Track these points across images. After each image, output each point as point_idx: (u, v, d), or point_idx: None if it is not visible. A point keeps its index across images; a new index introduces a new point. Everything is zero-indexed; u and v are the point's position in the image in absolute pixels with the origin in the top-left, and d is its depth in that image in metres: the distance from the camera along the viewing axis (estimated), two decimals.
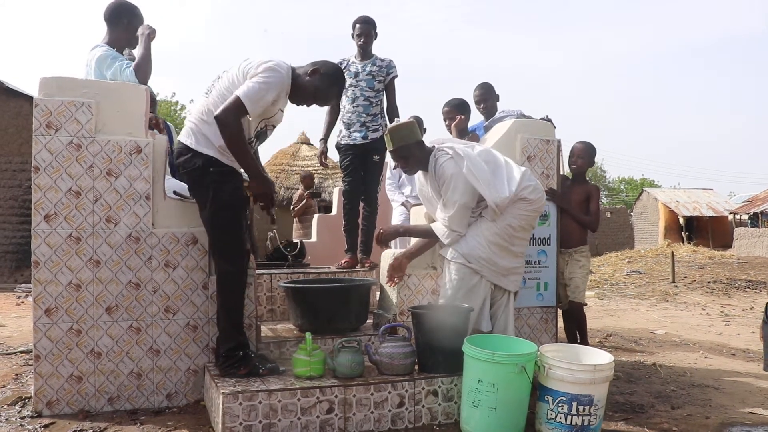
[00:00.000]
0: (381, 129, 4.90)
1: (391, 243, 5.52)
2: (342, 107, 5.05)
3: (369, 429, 3.18)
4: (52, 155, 3.39)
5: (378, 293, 4.29)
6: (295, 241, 5.73)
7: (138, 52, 3.93)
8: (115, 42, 4.08)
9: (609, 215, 28.04)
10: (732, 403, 3.90)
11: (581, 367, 3.09)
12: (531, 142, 4.26)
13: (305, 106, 3.48)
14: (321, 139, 5.17)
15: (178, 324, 3.56)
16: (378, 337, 3.49)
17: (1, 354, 4.87)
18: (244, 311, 3.46)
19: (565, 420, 3.07)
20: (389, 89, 5.04)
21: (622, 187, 55.94)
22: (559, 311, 4.65)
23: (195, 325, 3.58)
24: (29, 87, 12.58)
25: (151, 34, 3.93)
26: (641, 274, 13.56)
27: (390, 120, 5.03)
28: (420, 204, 4.30)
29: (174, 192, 3.64)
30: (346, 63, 5.03)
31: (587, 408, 3.05)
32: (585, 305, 4.59)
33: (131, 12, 4.09)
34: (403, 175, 5.39)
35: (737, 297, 10.44)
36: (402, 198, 5.68)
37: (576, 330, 4.66)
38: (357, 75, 4.93)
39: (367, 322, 4.20)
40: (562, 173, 4.54)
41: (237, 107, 3.14)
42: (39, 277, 3.37)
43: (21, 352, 4.91)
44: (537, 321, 4.27)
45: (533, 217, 3.70)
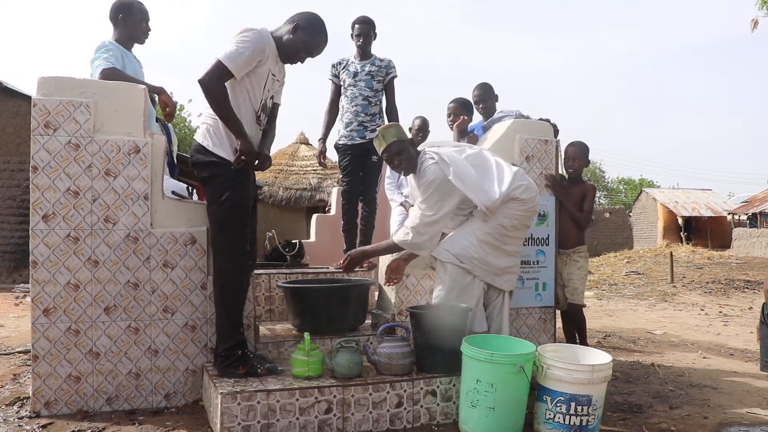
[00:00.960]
0: None
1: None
2: (341, 107, 5.05)
3: (367, 429, 3.18)
4: (50, 155, 3.39)
5: (377, 293, 4.29)
6: (293, 242, 5.74)
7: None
8: (120, 39, 4.11)
9: (608, 216, 28.09)
10: (730, 403, 3.90)
11: (579, 367, 3.09)
12: (530, 142, 4.27)
13: (300, 62, 3.51)
14: (320, 139, 5.17)
15: (176, 324, 3.55)
16: (376, 337, 3.49)
17: (0, 354, 4.86)
18: (243, 311, 3.46)
19: (564, 420, 3.07)
20: (388, 89, 5.04)
21: (621, 188, 56.03)
22: (558, 312, 4.66)
23: (193, 325, 3.58)
24: (28, 87, 12.58)
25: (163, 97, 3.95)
26: (640, 274, 13.58)
27: (389, 120, 5.03)
28: None
29: (172, 192, 3.64)
30: (345, 63, 5.03)
31: (585, 408, 3.05)
32: (584, 306, 4.58)
33: (125, 8, 4.11)
34: (401, 178, 5.38)
35: (736, 297, 10.46)
36: (401, 198, 5.67)
37: (574, 331, 4.66)
38: (356, 75, 4.93)
39: (366, 322, 4.20)
40: (560, 173, 4.54)
41: (217, 68, 3.18)
42: (37, 277, 3.36)
43: (19, 352, 4.90)
44: (535, 321, 4.27)
45: (527, 217, 3.66)
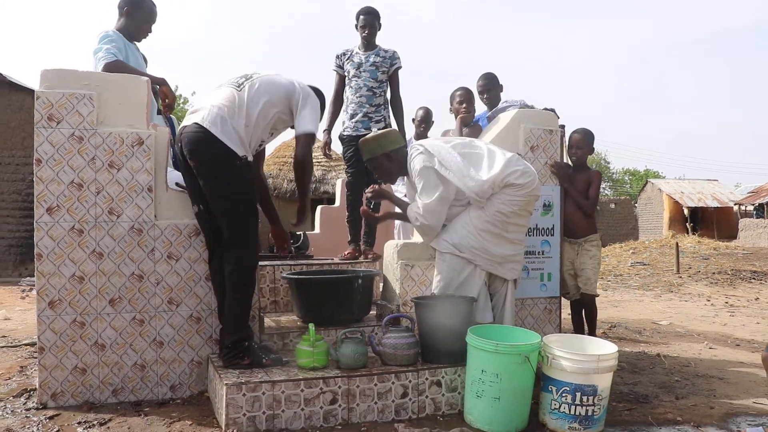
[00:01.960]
0: (384, 120, 4.88)
1: (394, 233, 5.52)
2: (345, 98, 5.03)
3: (372, 419, 3.18)
4: (53, 148, 3.39)
5: (381, 284, 4.28)
6: (297, 233, 5.73)
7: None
8: (122, 29, 4.09)
9: (613, 206, 28.00)
10: (736, 394, 3.89)
11: (585, 357, 3.08)
12: (534, 131, 4.24)
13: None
14: (325, 130, 5.15)
15: (181, 315, 3.56)
16: (381, 328, 3.49)
17: (6, 347, 4.88)
18: (252, 304, 3.45)
19: (569, 410, 3.07)
20: (393, 80, 5.02)
21: (626, 179, 55.82)
22: (567, 301, 4.64)
23: (198, 317, 3.58)
24: (32, 81, 12.58)
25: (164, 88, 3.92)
26: (646, 265, 13.54)
27: (394, 111, 5.01)
28: None
29: (176, 183, 3.63)
30: (349, 54, 5.00)
31: (591, 398, 3.05)
32: (597, 296, 4.58)
33: (135, 3, 4.10)
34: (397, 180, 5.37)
35: (742, 288, 10.42)
36: (405, 189, 5.65)
37: (583, 321, 4.65)
38: (360, 66, 4.91)
39: (371, 312, 4.20)
40: (565, 161, 4.52)
41: (309, 143, 3.52)
42: (42, 270, 3.37)
43: (26, 344, 4.92)
44: (540, 311, 4.26)
45: (527, 202, 3.60)
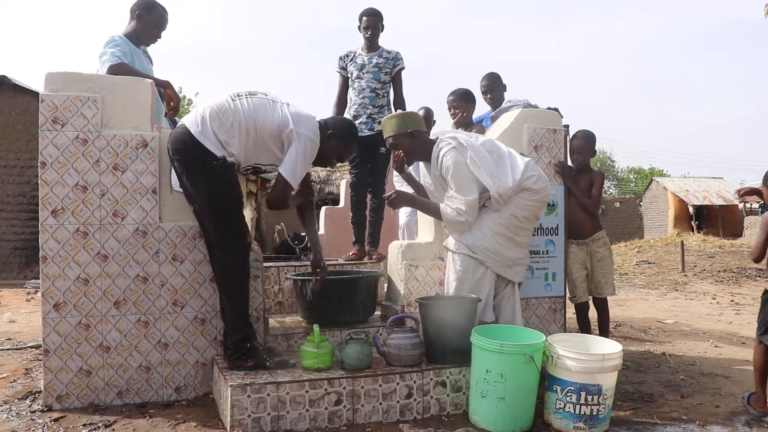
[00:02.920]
0: None
1: (399, 233, 5.52)
2: (349, 99, 5.04)
3: (377, 420, 3.18)
4: (58, 150, 3.40)
5: (386, 285, 4.28)
6: (302, 234, 5.74)
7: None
8: (130, 34, 4.09)
9: (618, 205, 27.94)
10: (742, 392, 3.87)
11: (589, 357, 3.08)
12: (538, 131, 4.24)
13: (330, 167, 3.65)
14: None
15: (186, 317, 3.56)
16: (386, 329, 3.49)
17: (12, 349, 4.90)
18: (249, 302, 3.46)
19: (574, 410, 3.06)
20: (396, 81, 5.02)
21: (631, 177, 55.68)
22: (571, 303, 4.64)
23: (203, 318, 3.59)
24: (37, 84, 12.63)
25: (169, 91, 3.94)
26: (651, 263, 13.50)
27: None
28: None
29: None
30: (352, 55, 5.01)
31: (596, 397, 3.04)
32: (613, 295, 4.62)
33: (147, 7, 4.10)
34: (411, 167, 5.37)
35: (747, 286, 10.38)
36: (409, 189, 5.65)
37: (589, 322, 4.64)
38: (363, 67, 4.91)
39: (375, 313, 4.20)
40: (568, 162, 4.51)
41: (286, 191, 3.43)
42: (47, 272, 3.38)
43: (31, 347, 4.94)
44: (545, 311, 4.25)
45: (538, 207, 3.67)
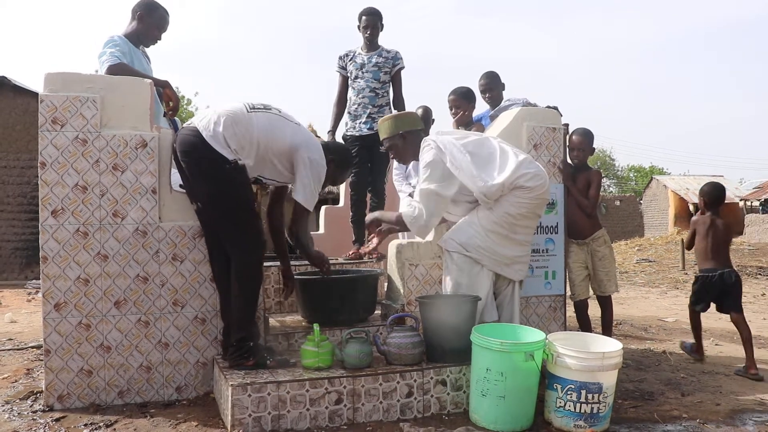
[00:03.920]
0: None
1: (399, 234, 5.51)
2: (349, 99, 5.04)
3: (378, 419, 3.18)
4: (58, 150, 3.40)
5: (386, 284, 4.28)
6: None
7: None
8: (130, 34, 4.08)
9: (618, 203, 27.93)
10: (743, 390, 3.88)
11: (590, 355, 3.08)
12: (537, 130, 4.24)
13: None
14: (329, 131, 5.16)
15: (186, 317, 3.57)
16: (386, 328, 3.49)
17: (13, 349, 4.90)
18: (258, 302, 3.46)
19: (574, 408, 3.06)
20: (395, 81, 5.03)
21: (631, 175, 55.64)
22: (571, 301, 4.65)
23: (203, 318, 3.59)
24: (37, 84, 12.62)
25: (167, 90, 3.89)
26: (651, 262, 13.51)
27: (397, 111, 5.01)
28: None
29: (180, 185, 3.63)
30: (352, 54, 5.02)
31: (596, 396, 3.04)
32: (616, 292, 4.66)
33: (148, 8, 4.09)
34: (410, 166, 5.38)
35: (748, 284, 10.37)
36: (409, 189, 5.65)
37: (589, 321, 4.65)
38: (363, 66, 4.92)
39: (375, 312, 4.20)
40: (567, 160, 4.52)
41: (304, 216, 3.59)
42: (48, 272, 3.38)
43: (32, 347, 4.94)
44: (545, 310, 4.26)
45: (535, 205, 3.57)
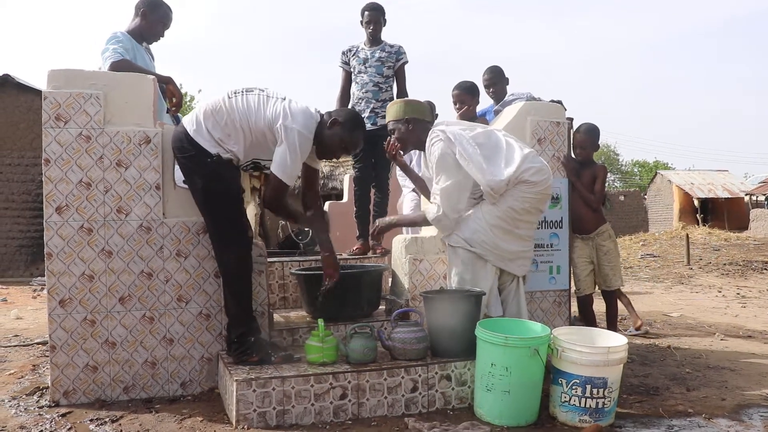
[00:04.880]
0: None
1: (403, 228, 5.51)
2: (352, 94, 5.03)
3: (382, 414, 3.18)
4: (62, 147, 3.40)
5: (390, 279, 4.28)
6: (306, 229, 5.73)
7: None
8: (133, 30, 4.10)
9: (623, 198, 27.84)
10: (748, 385, 3.86)
11: (595, 350, 3.07)
12: (541, 124, 4.22)
13: (335, 159, 3.58)
14: None
15: (190, 313, 3.57)
16: (390, 323, 3.49)
17: (19, 345, 4.92)
18: (252, 296, 3.47)
19: (579, 403, 3.06)
20: (399, 75, 5.02)
21: (635, 170, 55.49)
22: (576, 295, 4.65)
23: (208, 314, 3.60)
24: (40, 82, 12.63)
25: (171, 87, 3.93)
26: (656, 257, 13.46)
27: None
28: None
29: (183, 181, 3.64)
30: (355, 49, 5.00)
31: (601, 390, 3.04)
32: (622, 286, 4.65)
33: (152, 5, 4.11)
34: (414, 161, 5.37)
35: (754, 279, 10.34)
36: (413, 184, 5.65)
37: (593, 316, 4.64)
38: (366, 61, 4.91)
39: (380, 307, 4.20)
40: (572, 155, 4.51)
41: (280, 189, 3.31)
42: (52, 269, 3.39)
43: (37, 343, 4.96)
44: (550, 304, 4.25)
45: (539, 200, 3.56)
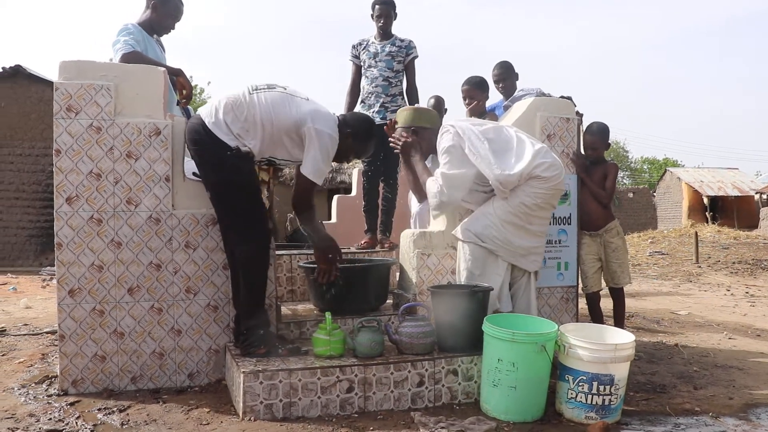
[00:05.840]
0: None
1: (411, 222, 5.51)
2: (362, 88, 5.03)
3: (389, 408, 3.19)
4: (72, 138, 3.42)
5: (398, 273, 4.29)
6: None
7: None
8: (144, 23, 4.10)
9: (631, 196, 27.76)
10: (756, 384, 3.85)
11: (602, 347, 3.07)
12: (551, 120, 4.21)
13: (345, 162, 3.74)
14: None
15: (199, 304, 3.59)
16: (398, 317, 3.49)
17: (28, 334, 4.96)
18: (266, 289, 3.48)
19: (586, 399, 3.06)
20: (409, 70, 5.01)
21: (644, 167, 55.25)
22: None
23: (216, 306, 3.61)
24: (51, 73, 12.69)
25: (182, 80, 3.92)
26: (664, 254, 13.42)
27: (409, 101, 5.00)
28: None
29: (193, 173, 3.65)
30: (365, 43, 5.00)
31: (608, 387, 3.03)
32: (629, 283, 4.64)
33: None
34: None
35: (763, 278, 10.29)
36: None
37: (601, 313, 4.63)
38: (376, 55, 4.90)
39: (387, 301, 4.21)
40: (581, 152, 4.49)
41: (310, 190, 3.44)
42: (62, 259, 3.41)
43: (47, 332, 4.99)
44: (557, 301, 4.24)
45: (551, 195, 3.56)
